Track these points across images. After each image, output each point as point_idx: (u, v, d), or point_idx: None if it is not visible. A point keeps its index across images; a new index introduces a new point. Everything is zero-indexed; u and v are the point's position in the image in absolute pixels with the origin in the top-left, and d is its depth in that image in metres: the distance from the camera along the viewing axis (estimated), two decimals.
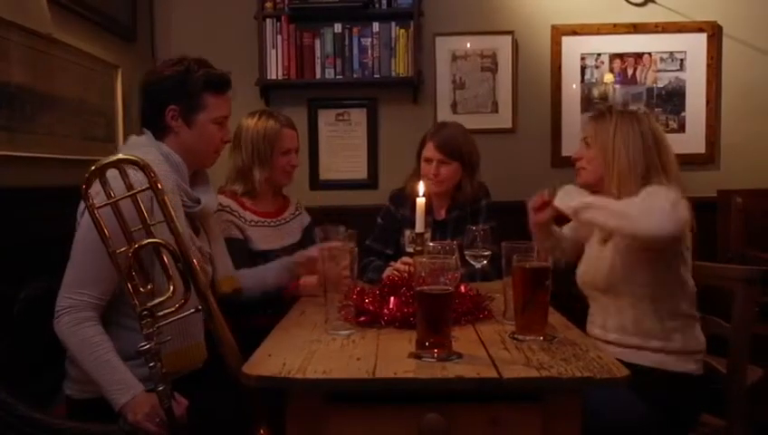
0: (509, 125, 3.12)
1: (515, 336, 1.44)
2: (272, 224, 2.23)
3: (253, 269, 2.01)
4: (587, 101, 3.10)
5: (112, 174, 1.36)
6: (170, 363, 1.51)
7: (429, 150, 2.32)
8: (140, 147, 1.62)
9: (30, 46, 2.04)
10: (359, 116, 3.14)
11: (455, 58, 3.09)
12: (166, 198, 1.37)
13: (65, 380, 1.61)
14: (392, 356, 1.31)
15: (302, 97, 3.12)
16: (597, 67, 3.09)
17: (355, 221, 2.41)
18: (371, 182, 3.14)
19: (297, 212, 2.38)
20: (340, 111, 3.14)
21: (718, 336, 1.84)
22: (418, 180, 2.16)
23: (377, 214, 2.47)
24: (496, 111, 3.11)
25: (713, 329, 1.86)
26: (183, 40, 3.08)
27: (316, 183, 3.16)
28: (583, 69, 3.09)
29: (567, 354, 1.31)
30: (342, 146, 3.16)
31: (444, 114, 3.08)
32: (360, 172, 3.15)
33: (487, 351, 1.34)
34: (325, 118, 3.14)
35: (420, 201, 1.76)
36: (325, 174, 3.17)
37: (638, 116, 1.84)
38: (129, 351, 1.46)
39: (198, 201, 1.69)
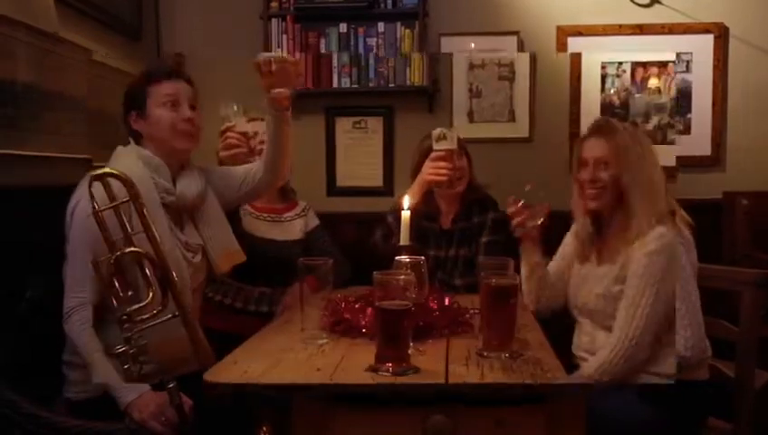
0: (526, 134, 3.10)
1: (481, 352, 1.44)
2: (267, 219, 2.34)
3: None
4: (606, 110, 3.05)
5: (96, 186, 1.45)
6: (156, 354, 1.57)
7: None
8: (121, 155, 1.73)
9: (35, 45, 2.09)
10: (375, 124, 3.18)
11: (471, 67, 3.09)
12: (145, 210, 1.45)
13: (65, 384, 1.69)
14: (352, 368, 1.33)
15: (320, 105, 3.18)
16: (618, 76, 3.04)
17: (370, 227, 2.46)
18: (387, 189, 3.18)
19: (303, 213, 2.46)
20: (357, 118, 3.18)
21: (725, 340, 1.80)
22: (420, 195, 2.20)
23: None
24: (513, 120, 3.10)
25: (720, 333, 1.82)
26: (188, 39, 3.16)
27: (333, 189, 3.23)
28: (603, 78, 3.04)
29: (524, 374, 1.30)
30: (359, 153, 3.21)
31: (460, 123, 3.09)
32: (376, 179, 3.19)
33: (447, 366, 1.36)
34: (342, 126, 3.20)
35: (405, 214, 1.77)
36: (342, 181, 3.22)
37: (633, 126, 1.85)
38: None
39: (174, 193, 1.74)
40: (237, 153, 2.11)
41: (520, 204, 1.82)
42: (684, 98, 3.04)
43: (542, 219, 1.82)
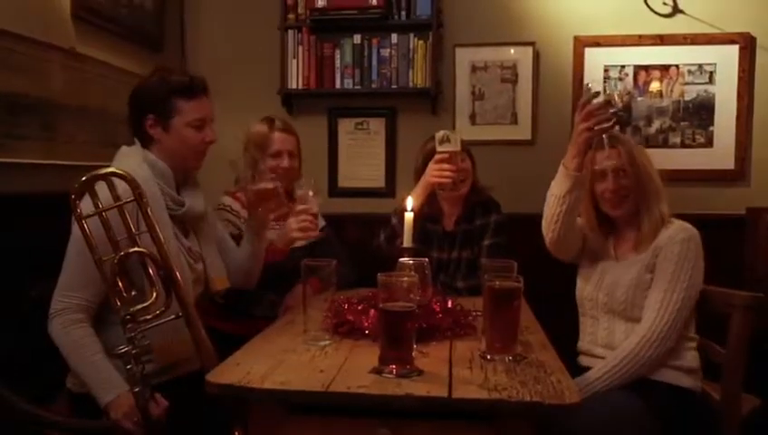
0: (528, 137, 3.10)
1: (484, 355, 1.44)
2: (275, 227, 2.26)
3: None
4: None
5: (100, 186, 1.45)
6: (162, 356, 1.59)
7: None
8: (127, 156, 1.73)
9: (60, 62, 2.19)
10: (378, 125, 3.18)
11: (474, 69, 3.09)
12: (149, 210, 1.45)
13: (69, 374, 1.70)
14: (355, 370, 1.33)
15: (323, 106, 3.20)
16: (621, 79, 3.03)
17: (372, 228, 2.46)
18: (388, 191, 3.18)
19: None
20: (360, 119, 3.19)
21: (713, 362, 1.80)
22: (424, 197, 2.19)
23: None
24: (516, 123, 3.10)
25: (708, 355, 1.82)
26: (210, 51, 3.22)
27: (335, 190, 3.23)
28: (606, 81, 3.03)
29: (528, 377, 1.30)
30: (361, 154, 3.21)
31: (462, 125, 3.09)
32: (378, 181, 3.20)
33: (451, 369, 1.36)
34: (345, 126, 3.20)
35: (408, 216, 1.77)
36: (344, 182, 3.22)
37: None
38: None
39: (183, 204, 1.76)
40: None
41: (600, 99, 1.73)
42: (705, 110, 2.99)
43: (613, 122, 1.74)
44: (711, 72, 2.98)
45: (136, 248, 1.44)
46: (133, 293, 1.46)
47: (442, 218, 2.40)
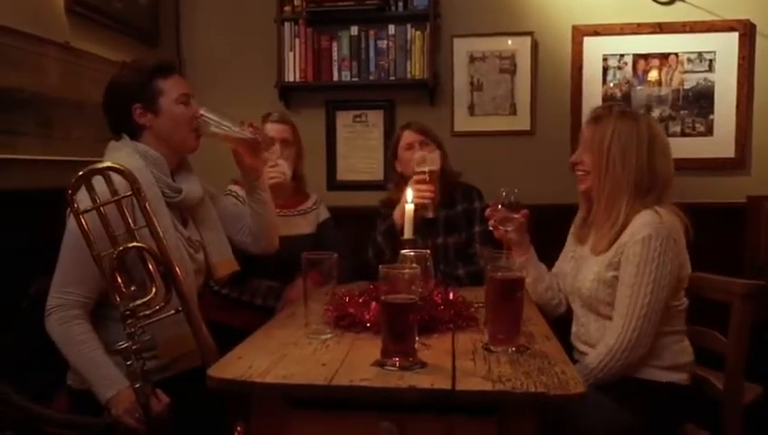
0: (527, 127, 3.08)
1: (487, 346, 1.43)
2: (280, 214, 2.26)
3: None
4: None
5: (98, 180, 1.43)
6: (167, 352, 1.58)
7: (409, 136, 2.38)
8: (117, 149, 1.71)
9: (55, 57, 2.19)
10: (376, 117, 3.16)
11: (472, 59, 3.07)
12: (147, 205, 1.43)
13: (69, 371, 1.69)
14: (357, 363, 1.32)
15: (320, 99, 3.18)
16: (620, 68, 3.02)
17: (371, 222, 2.45)
18: (387, 183, 3.15)
19: (314, 206, 2.46)
20: (358, 112, 3.17)
21: (716, 351, 1.79)
22: (401, 190, 2.18)
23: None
24: (514, 113, 3.08)
25: (710, 344, 1.81)
26: (206, 44, 3.21)
27: (333, 184, 3.21)
28: (605, 70, 3.02)
29: (532, 368, 1.30)
30: (360, 147, 3.19)
31: (461, 116, 3.09)
32: (377, 173, 3.18)
33: (454, 361, 1.35)
34: (343, 119, 3.18)
35: (409, 208, 1.77)
36: (342, 175, 3.21)
37: (637, 118, 1.78)
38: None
39: (180, 191, 1.74)
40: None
41: (498, 207, 1.84)
42: (705, 98, 2.97)
43: (512, 227, 1.83)
44: (710, 60, 2.97)
45: (135, 243, 1.43)
46: (132, 288, 1.45)
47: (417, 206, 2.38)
